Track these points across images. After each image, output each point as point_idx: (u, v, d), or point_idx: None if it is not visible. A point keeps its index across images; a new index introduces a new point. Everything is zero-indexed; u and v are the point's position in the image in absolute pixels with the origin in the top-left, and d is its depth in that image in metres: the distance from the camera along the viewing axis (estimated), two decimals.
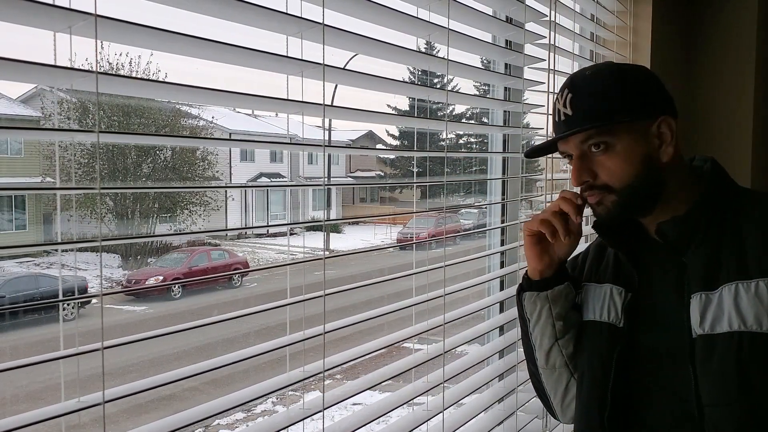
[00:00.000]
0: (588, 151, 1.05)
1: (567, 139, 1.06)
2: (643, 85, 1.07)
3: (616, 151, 1.03)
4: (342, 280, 1.42)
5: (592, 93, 1.04)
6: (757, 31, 2.53)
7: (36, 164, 14.77)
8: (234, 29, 1.14)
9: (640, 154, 1.03)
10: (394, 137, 25.64)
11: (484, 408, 1.63)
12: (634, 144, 1.03)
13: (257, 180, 19.70)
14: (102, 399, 0.84)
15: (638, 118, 1.03)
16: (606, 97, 1.04)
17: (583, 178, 1.06)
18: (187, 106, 16.37)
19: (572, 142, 1.06)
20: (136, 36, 0.89)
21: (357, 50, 1.31)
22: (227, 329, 7.94)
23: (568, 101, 1.05)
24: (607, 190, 1.05)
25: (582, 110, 1.04)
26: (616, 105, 1.03)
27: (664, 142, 1.05)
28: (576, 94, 1.05)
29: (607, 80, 1.05)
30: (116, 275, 14.54)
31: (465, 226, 12.54)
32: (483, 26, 1.65)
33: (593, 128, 1.02)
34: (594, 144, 1.04)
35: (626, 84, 1.05)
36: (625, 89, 1.04)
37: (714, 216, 1.04)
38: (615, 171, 1.03)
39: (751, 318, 0.97)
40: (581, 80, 1.07)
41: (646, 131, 1.04)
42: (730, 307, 0.99)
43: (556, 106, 1.08)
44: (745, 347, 0.97)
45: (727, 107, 2.59)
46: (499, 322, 1.78)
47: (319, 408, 1.16)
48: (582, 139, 1.04)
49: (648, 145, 1.04)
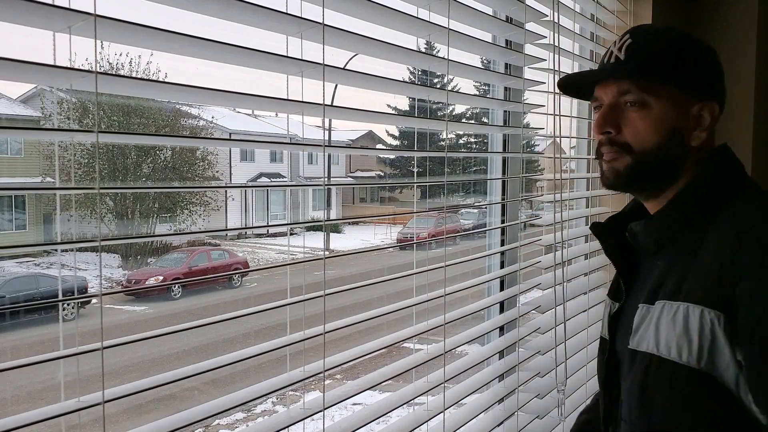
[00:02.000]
0: (622, 104, 1.00)
1: (606, 84, 1.01)
2: (705, 63, 1.01)
3: (650, 113, 0.98)
4: (342, 280, 1.42)
5: (653, 47, 0.99)
6: (757, 31, 2.53)
7: (36, 164, 14.77)
8: (234, 29, 1.14)
9: (672, 127, 0.98)
10: (394, 137, 25.63)
11: (484, 408, 1.63)
12: (670, 113, 0.98)
13: (257, 180, 19.70)
14: (102, 399, 0.84)
15: (683, 90, 0.98)
16: (665, 56, 0.98)
17: (606, 128, 1.00)
18: (187, 106, 16.37)
19: (611, 89, 1.00)
20: (135, 36, 0.89)
21: (357, 50, 1.31)
22: (227, 329, 7.94)
23: (625, 46, 1.00)
24: (625, 149, 0.99)
25: (636, 59, 0.98)
26: (671, 69, 0.98)
27: (700, 126, 1.00)
28: (636, 42, 0.99)
29: (672, 42, 1.00)
30: (116, 275, 14.53)
31: (465, 226, 12.53)
32: (483, 26, 1.65)
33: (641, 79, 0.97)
34: (631, 100, 0.98)
35: (689, 53, 1.00)
36: (686, 57, 0.99)
37: (687, 219, 0.99)
38: (641, 132, 0.98)
39: (663, 342, 0.94)
40: (646, 32, 1.02)
41: (687, 108, 0.99)
42: (653, 327, 0.96)
43: (610, 48, 1.02)
44: (652, 371, 0.95)
45: (727, 107, 2.58)
46: (499, 322, 1.78)
47: (320, 408, 1.16)
48: (623, 89, 0.99)
49: (684, 121, 0.99)
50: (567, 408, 1.85)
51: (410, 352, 1.50)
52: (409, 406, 1.43)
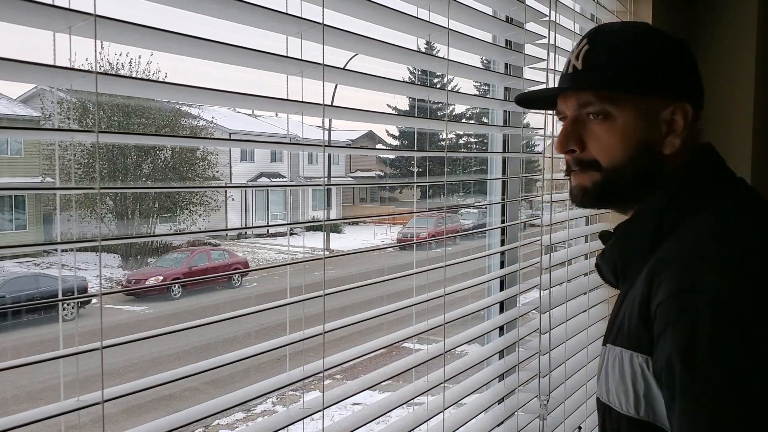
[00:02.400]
0: (585, 118, 0.91)
1: (567, 97, 0.93)
2: (671, 60, 0.91)
3: (614, 125, 0.89)
4: (342, 280, 1.42)
5: (611, 51, 0.90)
6: (757, 31, 2.53)
7: (36, 164, 14.78)
8: (234, 29, 1.14)
9: (640, 137, 0.89)
10: (394, 137, 25.65)
11: (484, 408, 1.63)
12: (636, 123, 0.89)
13: (257, 180, 19.72)
14: (101, 398, 0.84)
15: (648, 95, 0.89)
16: (624, 60, 0.89)
17: (569, 146, 0.92)
18: (187, 106, 16.39)
19: (571, 102, 0.92)
20: (135, 36, 0.89)
21: (357, 50, 1.31)
22: (227, 329, 7.95)
23: (582, 53, 0.91)
24: (593, 166, 0.92)
25: (593, 68, 0.90)
26: (629, 72, 0.89)
27: (673, 131, 0.90)
28: (593, 48, 0.91)
29: (632, 41, 0.90)
30: (116, 275, 14.55)
31: (465, 226, 12.54)
32: (483, 26, 1.65)
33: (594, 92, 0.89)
34: (594, 112, 0.90)
35: (651, 52, 0.90)
36: (645, 57, 0.89)
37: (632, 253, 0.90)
38: (607, 146, 0.90)
39: (612, 391, 0.87)
40: (604, 33, 0.93)
41: (656, 113, 0.90)
42: (603, 373, 0.90)
43: (569, 57, 0.94)
44: (607, 419, 0.89)
45: (728, 107, 2.59)
46: (499, 322, 1.78)
47: (319, 408, 1.16)
48: (581, 101, 0.91)
49: (653, 129, 0.90)
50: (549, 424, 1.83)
51: (410, 352, 1.50)
52: (409, 406, 1.43)
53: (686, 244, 0.83)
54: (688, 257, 0.81)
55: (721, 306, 0.75)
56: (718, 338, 0.74)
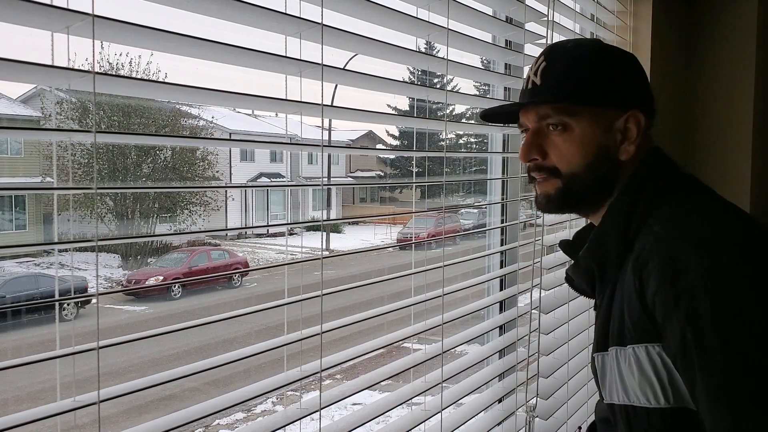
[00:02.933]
0: (545, 129, 0.98)
1: (527, 111, 1.00)
2: (621, 73, 0.98)
3: (572, 135, 0.96)
4: (341, 280, 1.42)
5: (565, 67, 0.97)
6: (757, 31, 2.53)
7: (36, 164, 14.78)
8: (233, 29, 1.14)
9: (597, 145, 0.96)
10: (394, 137, 25.65)
11: (483, 408, 1.63)
12: (593, 132, 0.96)
13: (257, 180, 19.71)
14: (97, 398, 0.84)
15: (603, 106, 0.96)
16: (577, 75, 0.96)
17: (531, 155, 0.99)
18: (187, 106, 16.39)
19: (532, 116, 0.99)
20: (134, 36, 0.89)
21: (356, 50, 1.30)
22: (227, 329, 7.95)
23: (540, 70, 0.98)
24: (553, 173, 0.98)
25: (549, 83, 0.97)
26: (584, 86, 0.95)
27: (627, 138, 0.97)
28: (549, 64, 0.98)
29: (583, 58, 0.97)
30: (116, 275, 14.54)
31: (465, 226, 12.54)
32: (483, 26, 1.65)
33: (552, 105, 0.96)
34: (553, 123, 0.97)
35: (602, 67, 0.97)
36: (598, 72, 0.96)
37: (609, 255, 0.95)
38: (566, 154, 0.96)
39: (631, 391, 0.91)
40: (559, 51, 1.00)
41: (610, 122, 0.96)
42: (617, 377, 0.93)
43: (528, 73, 1.01)
44: (633, 420, 0.92)
45: (727, 107, 2.58)
46: (498, 322, 1.78)
47: (317, 408, 1.16)
48: (541, 114, 0.98)
49: (608, 137, 0.96)
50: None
51: (409, 352, 1.50)
52: (408, 405, 1.43)
53: (664, 232, 0.88)
54: (670, 243, 0.86)
55: (712, 279, 0.81)
56: (719, 310, 0.80)
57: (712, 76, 2.62)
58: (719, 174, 2.52)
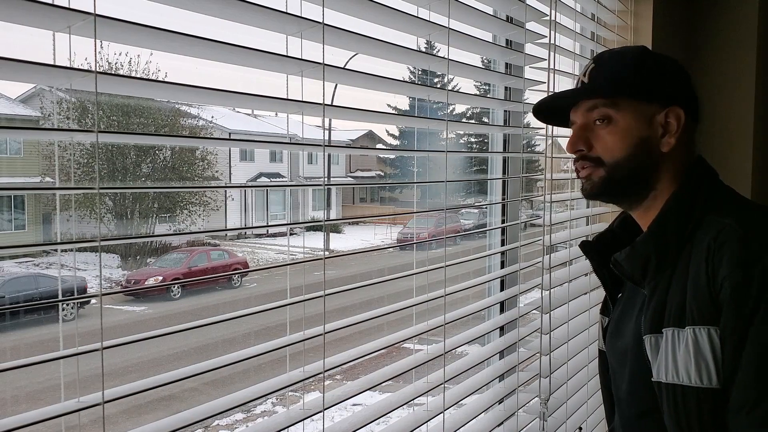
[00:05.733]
0: (591, 123, 1.07)
1: (577, 107, 1.09)
2: (662, 72, 1.07)
3: (616, 127, 1.04)
4: (342, 280, 1.42)
5: (611, 68, 1.06)
6: (757, 30, 2.53)
7: (35, 164, 14.76)
8: (234, 29, 1.13)
9: (639, 137, 1.04)
10: (394, 137, 25.62)
11: (484, 408, 1.63)
12: (635, 124, 1.04)
13: (257, 180, 19.69)
14: (102, 399, 0.84)
15: (643, 99, 1.04)
16: (621, 73, 1.05)
17: (577, 146, 1.07)
18: (186, 105, 16.36)
19: (580, 111, 1.08)
20: (135, 36, 0.88)
21: (357, 50, 1.30)
22: (227, 329, 7.94)
23: (589, 71, 1.08)
24: (598, 163, 1.06)
25: (596, 81, 1.06)
26: (627, 82, 1.04)
27: (668, 132, 1.04)
28: (598, 66, 1.08)
29: (628, 58, 1.06)
30: (116, 275, 14.52)
31: (465, 226, 12.53)
32: (483, 26, 1.65)
33: (597, 98, 1.04)
34: (599, 118, 1.05)
35: (645, 65, 1.05)
36: (641, 70, 1.05)
37: (669, 243, 1.01)
38: (609, 145, 1.04)
39: (683, 371, 0.95)
40: (607, 54, 1.10)
41: (652, 116, 1.04)
42: (670, 357, 0.97)
43: (578, 76, 1.11)
44: (680, 399, 0.95)
45: (728, 107, 2.58)
46: (499, 322, 1.78)
47: (319, 408, 1.16)
48: (588, 107, 1.06)
49: (650, 130, 1.04)
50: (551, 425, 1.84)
51: (410, 352, 1.50)
52: (409, 406, 1.43)
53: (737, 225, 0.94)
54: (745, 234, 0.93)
55: None
56: None
57: (712, 76, 2.62)
58: (720, 172, 2.52)
